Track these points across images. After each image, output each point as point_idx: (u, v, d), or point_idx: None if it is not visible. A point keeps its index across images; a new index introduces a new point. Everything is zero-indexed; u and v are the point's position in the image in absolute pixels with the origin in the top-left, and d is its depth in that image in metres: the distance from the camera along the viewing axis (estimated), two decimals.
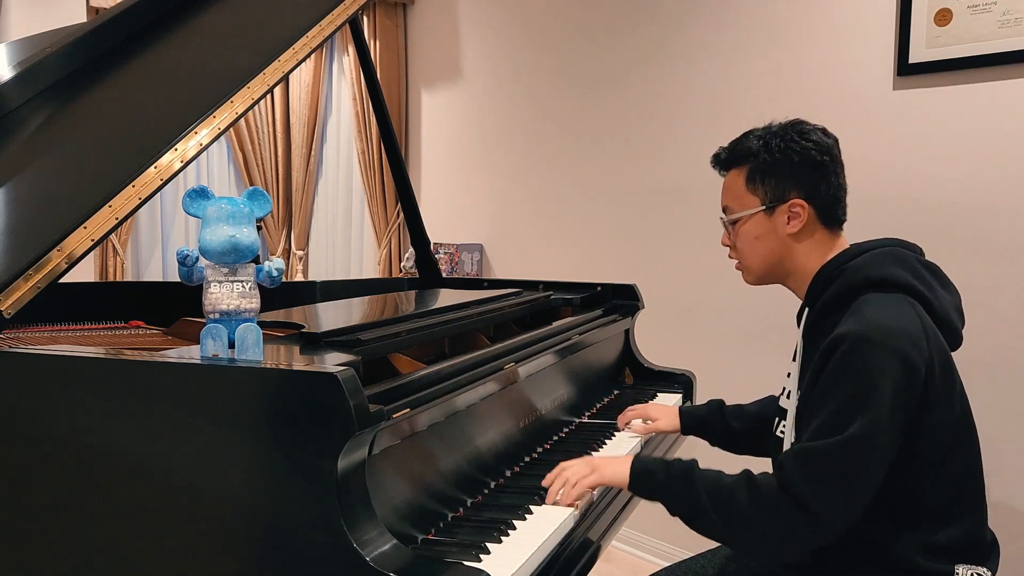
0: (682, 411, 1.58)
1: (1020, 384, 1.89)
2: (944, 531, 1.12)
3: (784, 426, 1.26)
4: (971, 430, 1.18)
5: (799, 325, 1.30)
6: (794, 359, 1.30)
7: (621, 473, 1.19)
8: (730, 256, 1.35)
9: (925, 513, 1.12)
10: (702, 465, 1.17)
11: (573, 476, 1.18)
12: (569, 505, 1.15)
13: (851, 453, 1.03)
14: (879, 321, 1.08)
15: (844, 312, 1.15)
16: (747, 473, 1.11)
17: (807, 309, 1.27)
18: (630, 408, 1.62)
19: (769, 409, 1.49)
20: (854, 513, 1.06)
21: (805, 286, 1.27)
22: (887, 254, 1.20)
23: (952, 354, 1.20)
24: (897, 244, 1.25)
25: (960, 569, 1.11)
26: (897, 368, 1.04)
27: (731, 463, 1.29)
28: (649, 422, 1.58)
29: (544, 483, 1.21)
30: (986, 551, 1.17)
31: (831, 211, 1.26)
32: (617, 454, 1.42)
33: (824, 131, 1.27)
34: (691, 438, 1.70)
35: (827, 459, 1.04)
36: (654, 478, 1.16)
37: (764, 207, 1.25)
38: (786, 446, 1.22)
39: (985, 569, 1.13)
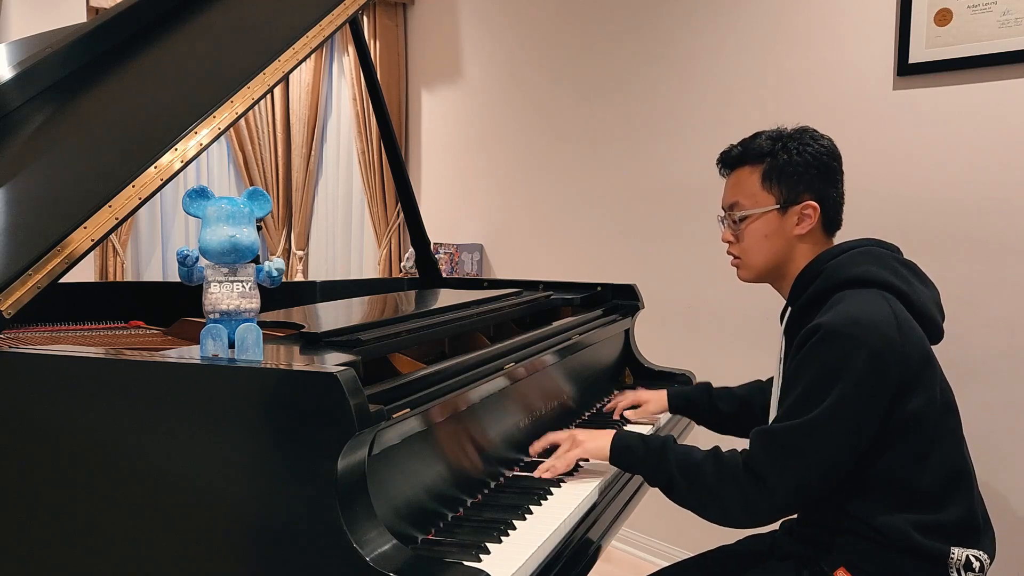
0: (671, 392, 1.64)
1: (1020, 384, 1.89)
2: (937, 513, 1.16)
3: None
4: (955, 419, 1.22)
5: (781, 323, 1.36)
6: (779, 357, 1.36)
7: (603, 447, 1.27)
8: (730, 252, 1.37)
9: (917, 497, 1.16)
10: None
11: (560, 452, 1.29)
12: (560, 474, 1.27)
13: (807, 435, 1.12)
14: (850, 315, 1.14)
15: (821, 309, 1.21)
16: (716, 449, 1.20)
17: (789, 308, 1.33)
18: (619, 396, 1.68)
19: (755, 393, 1.56)
20: (806, 490, 1.14)
21: (790, 286, 1.32)
22: (864, 253, 1.26)
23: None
24: (874, 243, 1.30)
25: (956, 551, 1.14)
26: (862, 360, 1.10)
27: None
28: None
29: (532, 451, 1.35)
30: (980, 534, 1.20)
31: (835, 215, 1.32)
32: None
33: (831, 140, 1.33)
34: (695, 432, 1.71)
35: (785, 439, 1.13)
36: (632, 453, 1.25)
37: (778, 206, 1.29)
38: None
39: (981, 552, 1.16)
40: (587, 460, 1.33)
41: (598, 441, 1.28)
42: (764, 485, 1.13)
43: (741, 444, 1.26)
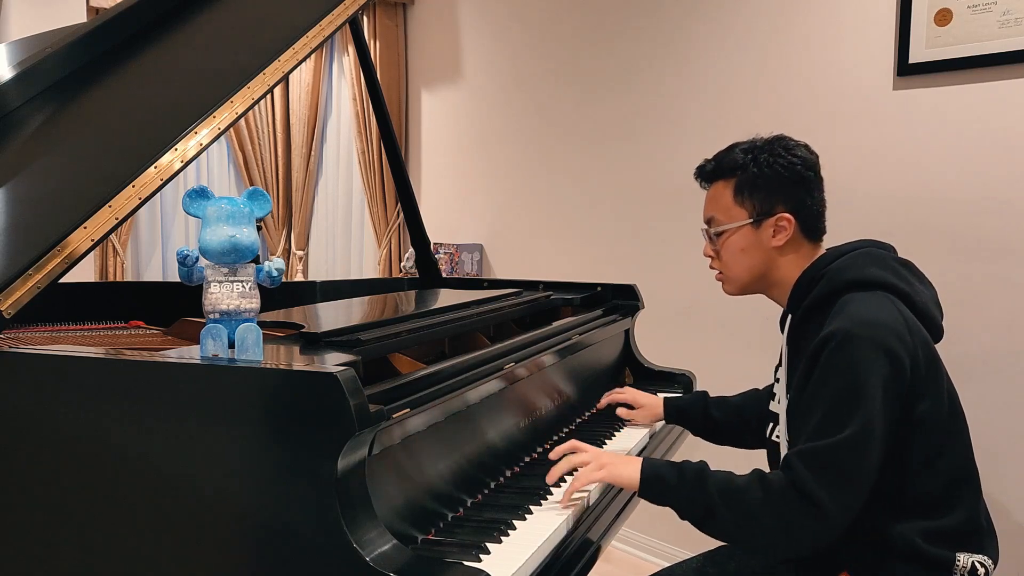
0: (666, 401, 1.61)
1: (1019, 384, 1.89)
2: (943, 519, 1.14)
3: (777, 430, 1.29)
4: (961, 421, 1.21)
5: (782, 331, 1.34)
6: (779, 364, 1.34)
7: (631, 476, 1.17)
8: (712, 267, 1.37)
9: (923, 502, 1.14)
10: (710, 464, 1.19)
11: (581, 467, 1.19)
12: (567, 506, 1.15)
13: (852, 451, 1.07)
14: (862, 317, 1.11)
15: (827, 314, 1.18)
16: (759, 472, 1.12)
17: (790, 315, 1.31)
18: (616, 390, 1.66)
19: (751, 401, 1.54)
20: (858, 506, 1.09)
21: (787, 294, 1.30)
22: (865, 255, 1.24)
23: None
24: (872, 244, 1.28)
25: (961, 557, 1.13)
26: (883, 361, 1.08)
27: (732, 461, 1.30)
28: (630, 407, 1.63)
29: (552, 455, 1.24)
30: (985, 538, 1.19)
31: (814, 224, 1.29)
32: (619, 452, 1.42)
33: (807, 147, 1.30)
34: (691, 440, 1.70)
35: (831, 458, 1.07)
36: (665, 482, 1.15)
37: (751, 220, 1.28)
38: (783, 449, 1.25)
39: (985, 557, 1.15)
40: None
41: (626, 468, 1.18)
42: (818, 508, 1.05)
43: (747, 457, 1.24)
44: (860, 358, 1.08)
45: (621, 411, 1.62)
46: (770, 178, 1.26)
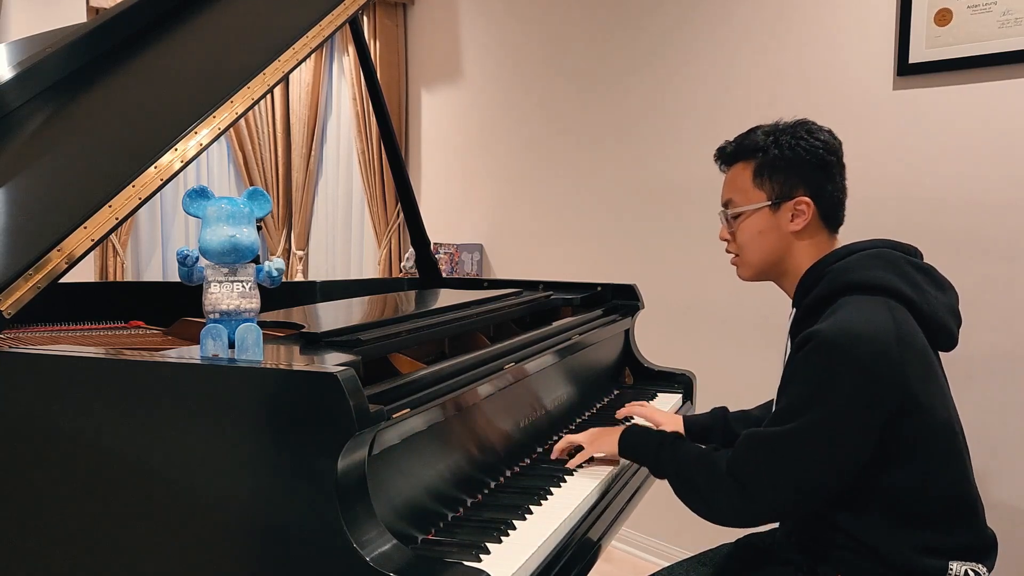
0: (686, 419, 1.58)
1: (1020, 384, 1.89)
2: (940, 536, 1.12)
3: None
4: (957, 437, 1.17)
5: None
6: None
7: (612, 441, 1.34)
8: (728, 250, 1.35)
9: (918, 518, 1.12)
10: None
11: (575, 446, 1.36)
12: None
13: (789, 445, 1.09)
14: (848, 327, 1.08)
15: (823, 314, 1.16)
16: (707, 450, 1.22)
17: (793, 310, 1.29)
18: (637, 403, 1.64)
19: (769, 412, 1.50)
20: (785, 501, 1.12)
21: (795, 286, 1.28)
22: (874, 256, 1.20)
23: (950, 354, 1.21)
24: (888, 245, 1.24)
25: (954, 566, 1.11)
26: (855, 375, 1.06)
27: None
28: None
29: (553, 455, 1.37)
30: (984, 550, 1.16)
31: (833, 212, 1.27)
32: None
33: (831, 132, 1.29)
34: None
35: (767, 445, 1.11)
36: (637, 448, 1.31)
37: (770, 203, 1.26)
38: None
39: (980, 565, 1.13)
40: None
41: (608, 436, 1.35)
42: (744, 491, 1.12)
43: None
44: (825, 366, 1.07)
45: (640, 423, 1.59)
46: (791, 160, 1.24)
